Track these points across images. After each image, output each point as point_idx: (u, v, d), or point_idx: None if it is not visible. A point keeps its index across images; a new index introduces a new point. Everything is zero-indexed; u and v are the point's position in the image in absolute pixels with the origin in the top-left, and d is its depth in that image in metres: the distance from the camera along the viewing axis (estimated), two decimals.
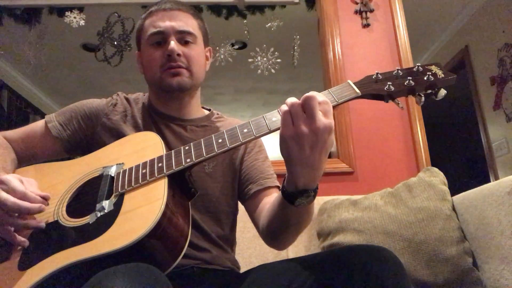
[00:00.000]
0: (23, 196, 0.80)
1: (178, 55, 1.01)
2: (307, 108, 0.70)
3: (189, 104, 1.10)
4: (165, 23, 1.02)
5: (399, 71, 0.80)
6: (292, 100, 0.72)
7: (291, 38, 2.50)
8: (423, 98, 0.79)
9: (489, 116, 3.19)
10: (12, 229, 0.80)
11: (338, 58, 2.11)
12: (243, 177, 1.08)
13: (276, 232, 0.92)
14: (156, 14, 1.05)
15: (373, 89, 0.79)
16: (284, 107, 0.72)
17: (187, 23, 1.05)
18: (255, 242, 1.59)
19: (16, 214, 0.80)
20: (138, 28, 1.11)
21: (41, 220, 0.82)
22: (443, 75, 0.79)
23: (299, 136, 0.69)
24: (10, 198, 0.78)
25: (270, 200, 0.99)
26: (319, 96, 0.71)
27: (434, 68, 0.80)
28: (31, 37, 2.42)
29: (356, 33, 2.20)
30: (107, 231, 0.74)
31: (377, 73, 0.81)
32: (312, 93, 0.71)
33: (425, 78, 0.78)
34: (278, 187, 1.06)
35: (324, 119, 0.70)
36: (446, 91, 0.79)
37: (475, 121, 3.37)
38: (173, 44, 1.01)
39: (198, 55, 1.07)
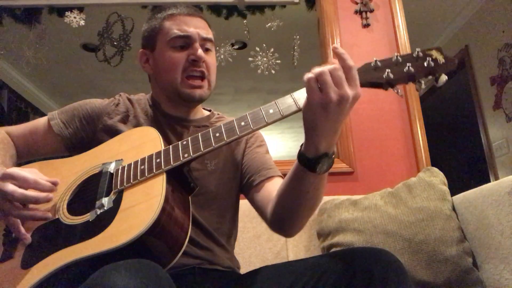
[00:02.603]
0: (35, 184, 0.82)
1: (203, 61, 1.02)
2: (348, 74, 0.72)
3: (195, 107, 1.12)
4: (191, 29, 1.03)
5: (399, 57, 0.77)
6: (331, 66, 0.73)
7: (291, 38, 2.49)
8: (423, 85, 0.77)
9: (489, 116, 3.19)
10: (19, 221, 0.81)
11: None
12: (245, 170, 1.09)
13: (290, 211, 0.91)
14: (179, 18, 1.05)
15: (372, 77, 0.77)
16: (319, 70, 0.72)
17: (208, 31, 1.08)
18: (255, 242, 1.59)
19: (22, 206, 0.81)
20: (153, 27, 1.08)
21: (47, 211, 0.83)
22: (443, 60, 0.76)
23: (329, 102, 0.70)
24: (18, 190, 0.80)
25: (274, 187, 0.99)
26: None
27: (434, 53, 0.77)
28: (31, 37, 2.42)
29: (356, 33, 2.20)
30: (107, 228, 0.74)
31: (375, 60, 0.78)
32: (352, 63, 0.72)
33: (425, 64, 0.76)
34: (280, 176, 1.07)
35: (358, 88, 0.72)
36: (447, 77, 0.76)
37: (475, 121, 3.37)
38: (200, 50, 1.02)
39: (215, 63, 1.10)
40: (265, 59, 2.45)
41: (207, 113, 1.18)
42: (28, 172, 0.85)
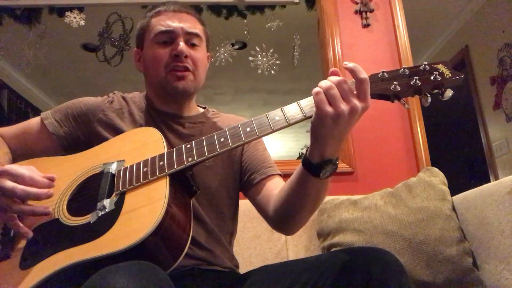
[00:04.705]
0: (31, 180, 0.81)
1: (186, 56, 1.02)
2: (361, 87, 0.73)
3: (188, 103, 1.12)
4: (175, 23, 1.04)
5: (406, 69, 0.78)
6: (337, 78, 0.74)
7: (291, 38, 2.49)
8: (429, 99, 0.77)
9: (489, 116, 3.19)
10: (16, 216, 0.80)
11: (338, 58, 2.11)
12: (244, 168, 1.09)
13: (291, 212, 0.92)
14: (164, 14, 1.06)
15: (379, 88, 0.77)
16: (327, 85, 0.73)
17: (195, 26, 1.07)
18: (255, 242, 1.59)
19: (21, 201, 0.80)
20: (142, 26, 1.10)
21: (47, 207, 0.82)
22: (450, 75, 0.76)
23: (339, 115, 0.72)
24: (18, 186, 0.79)
25: (275, 186, 1.01)
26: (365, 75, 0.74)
27: (441, 67, 0.77)
28: (31, 37, 2.42)
29: (356, 33, 2.20)
30: (109, 231, 0.74)
31: (383, 72, 0.79)
32: (365, 76, 0.73)
33: (432, 78, 0.75)
34: (280, 175, 1.08)
35: (368, 101, 0.74)
36: (453, 91, 0.76)
37: (475, 121, 3.37)
38: (182, 45, 1.01)
39: (203, 58, 1.09)
40: (265, 59, 2.45)
41: (201, 110, 1.18)
42: (25, 169, 0.84)
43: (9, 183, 0.79)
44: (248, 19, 2.43)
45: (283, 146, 6.87)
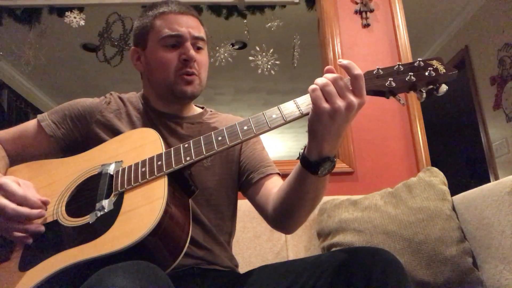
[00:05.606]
0: (24, 200, 0.80)
1: (194, 61, 1.03)
2: (355, 83, 0.73)
3: (188, 104, 1.12)
4: (183, 28, 1.03)
5: (400, 66, 0.79)
6: (333, 75, 0.74)
7: (291, 38, 2.49)
8: (424, 94, 0.78)
9: (489, 116, 3.18)
10: (12, 230, 0.79)
11: (338, 58, 2.11)
12: (243, 168, 1.09)
13: (290, 210, 0.92)
14: (170, 17, 1.05)
15: (374, 85, 0.78)
16: (323, 81, 0.74)
17: (200, 29, 1.07)
18: (255, 242, 1.59)
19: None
20: (143, 25, 1.08)
21: (40, 224, 0.82)
22: (444, 70, 0.77)
23: (336, 111, 0.72)
24: (9, 205, 0.78)
25: (274, 185, 1.01)
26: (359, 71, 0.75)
27: (435, 63, 0.78)
28: (31, 37, 2.42)
29: (356, 33, 2.20)
30: (108, 231, 0.74)
31: (378, 69, 0.80)
32: (360, 72, 0.74)
33: (426, 74, 0.76)
34: (278, 174, 1.08)
35: (364, 97, 0.74)
36: (447, 87, 0.77)
37: (475, 121, 3.37)
38: (192, 50, 1.02)
39: (207, 61, 1.10)
40: (265, 59, 2.45)
41: (199, 110, 1.18)
42: (22, 185, 0.83)
43: (1, 201, 0.78)
44: (248, 19, 2.43)
45: (283, 146, 6.87)
